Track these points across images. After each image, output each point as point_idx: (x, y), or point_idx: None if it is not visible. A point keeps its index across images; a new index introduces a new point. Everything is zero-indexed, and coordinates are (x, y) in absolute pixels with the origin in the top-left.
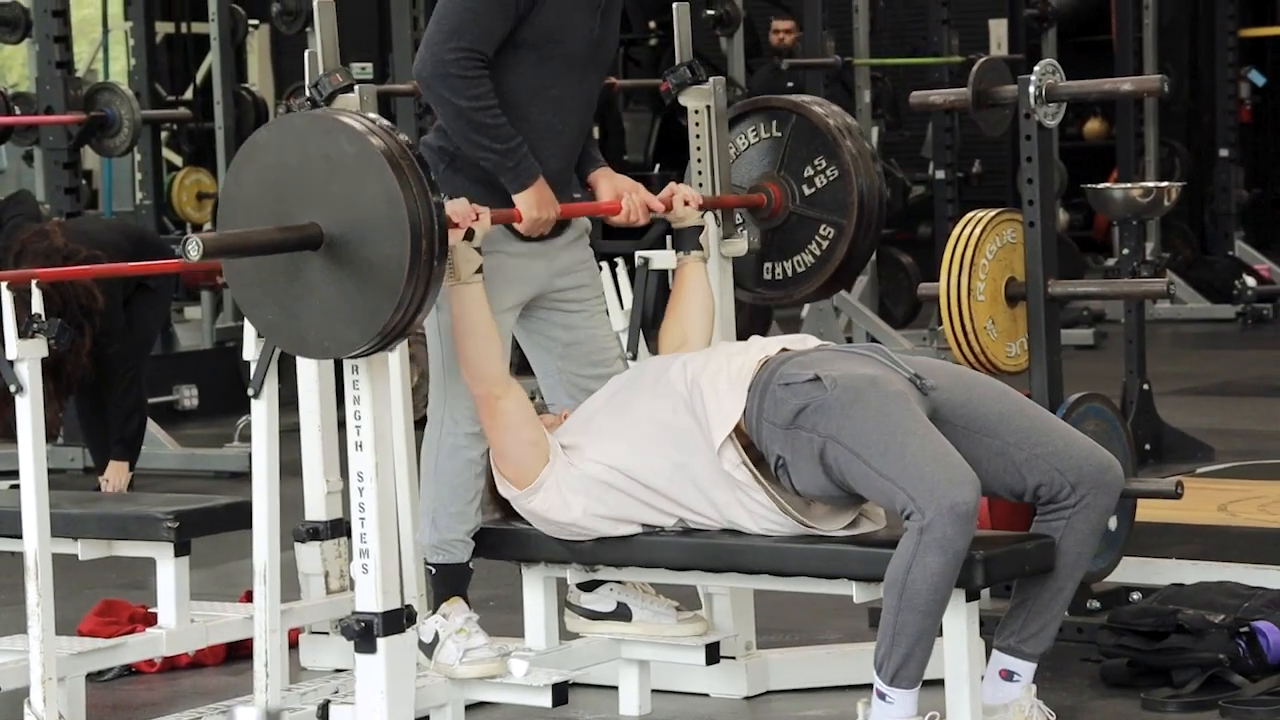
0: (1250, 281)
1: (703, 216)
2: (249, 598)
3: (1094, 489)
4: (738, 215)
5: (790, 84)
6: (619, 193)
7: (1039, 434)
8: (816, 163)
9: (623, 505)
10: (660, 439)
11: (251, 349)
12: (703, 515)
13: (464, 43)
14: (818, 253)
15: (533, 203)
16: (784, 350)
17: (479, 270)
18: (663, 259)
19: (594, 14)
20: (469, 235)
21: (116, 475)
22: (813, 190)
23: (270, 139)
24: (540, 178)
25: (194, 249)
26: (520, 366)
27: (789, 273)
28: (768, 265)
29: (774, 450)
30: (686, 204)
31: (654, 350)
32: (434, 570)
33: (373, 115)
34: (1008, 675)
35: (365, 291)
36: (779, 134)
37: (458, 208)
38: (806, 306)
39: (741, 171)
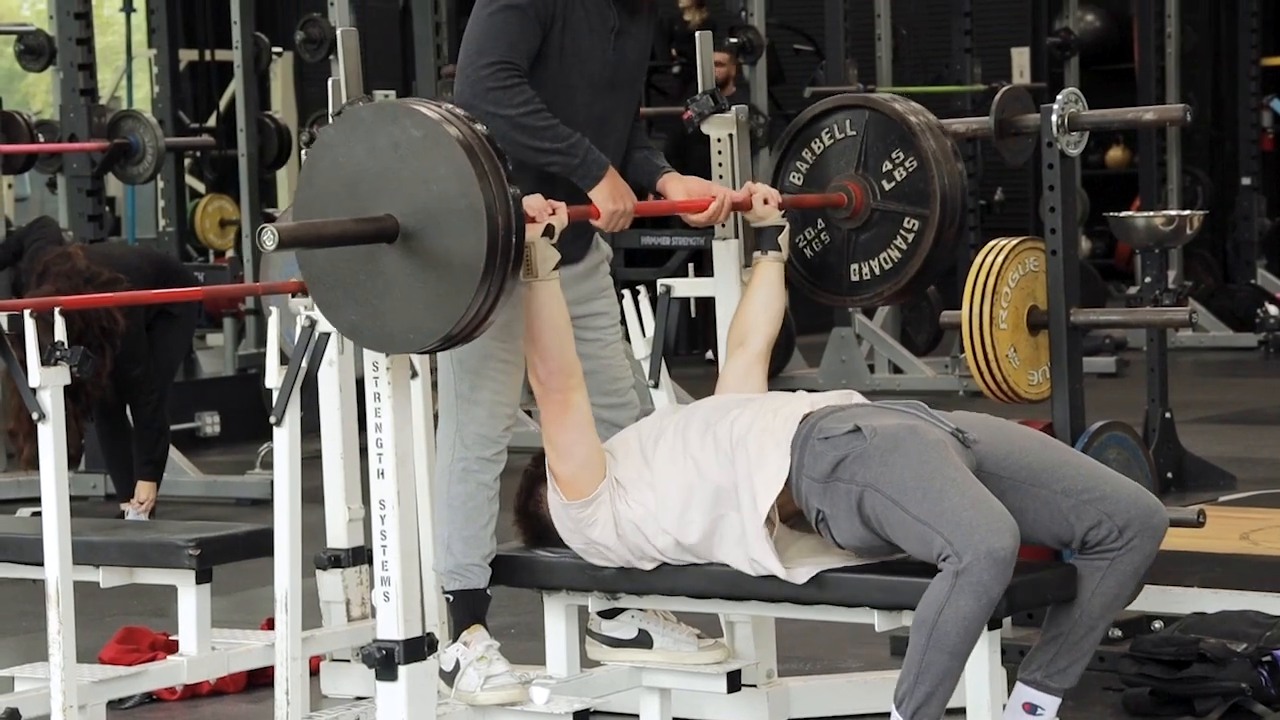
0: (1272, 310)
1: (783, 215)
2: (270, 625)
3: (1141, 532)
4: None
5: None
6: (691, 193)
7: (1085, 480)
8: (894, 155)
9: (650, 549)
10: (699, 494)
11: (274, 376)
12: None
13: (495, 56)
14: (903, 247)
15: (607, 195)
16: (827, 406)
17: (555, 267)
18: (684, 287)
19: (608, 36)
20: (548, 232)
21: (148, 494)
22: (893, 184)
23: (337, 135)
24: (611, 168)
25: (269, 239)
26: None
27: (876, 271)
28: (854, 267)
29: (813, 505)
30: (766, 203)
31: (676, 378)
32: (451, 597)
33: (446, 104)
34: (1031, 709)
35: (446, 279)
36: (853, 132)
37: (534, 202)
38: (830, 333)
39: (820, 174)
